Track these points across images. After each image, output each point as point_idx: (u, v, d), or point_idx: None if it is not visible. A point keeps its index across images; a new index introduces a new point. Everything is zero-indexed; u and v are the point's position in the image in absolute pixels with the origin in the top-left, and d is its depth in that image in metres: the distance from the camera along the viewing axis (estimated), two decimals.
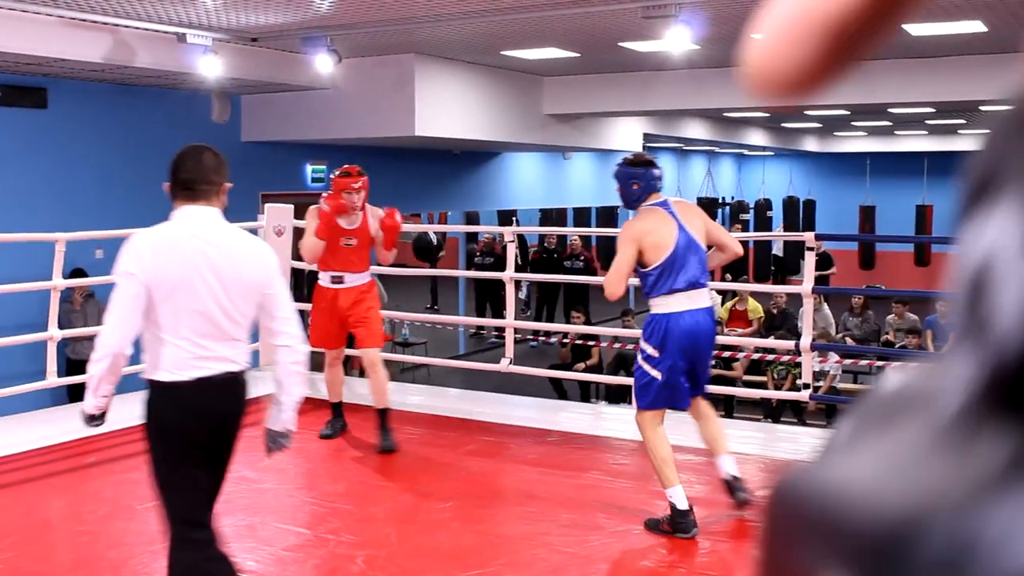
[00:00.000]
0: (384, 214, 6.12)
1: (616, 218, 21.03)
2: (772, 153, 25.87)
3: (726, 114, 17.31)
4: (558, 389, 11.51)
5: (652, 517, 4.69)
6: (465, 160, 15.56)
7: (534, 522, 4.76)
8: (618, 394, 10.35)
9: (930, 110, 15.63)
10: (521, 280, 14.12)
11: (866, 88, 11.18)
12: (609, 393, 10.86)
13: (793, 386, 10.73)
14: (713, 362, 11.14)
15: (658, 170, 4.78)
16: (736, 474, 4.73)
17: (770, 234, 19.29)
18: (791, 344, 7.35)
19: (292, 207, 8.05)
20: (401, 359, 12.18)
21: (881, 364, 11.48)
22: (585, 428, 6.66)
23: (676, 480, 4.58)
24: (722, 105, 13.11)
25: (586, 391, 11.79)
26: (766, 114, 17.11)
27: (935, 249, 23.26)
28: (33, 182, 9.56)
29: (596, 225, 20.53)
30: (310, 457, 5.98)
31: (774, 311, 13.11)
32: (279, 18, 8.11)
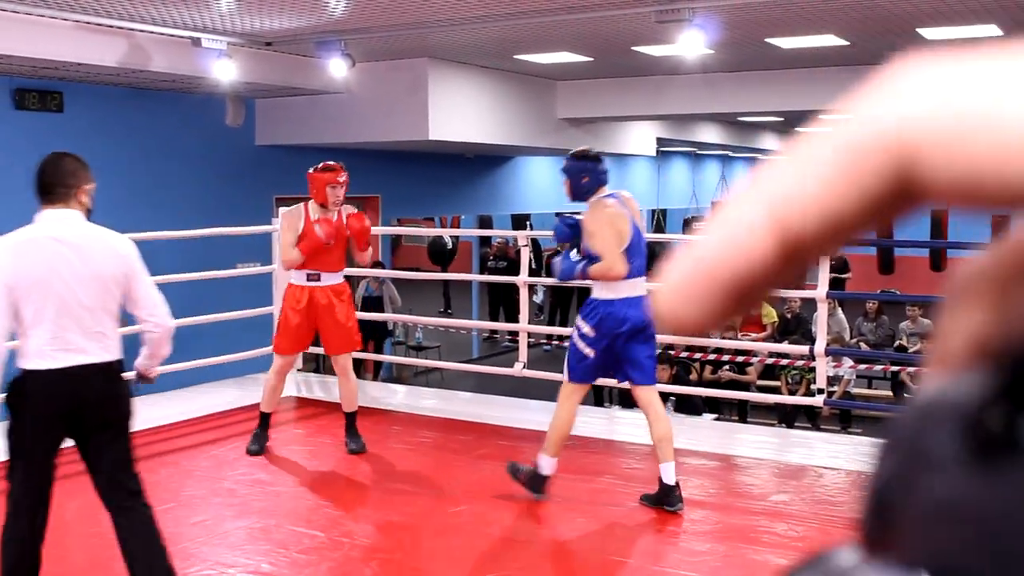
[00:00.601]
0: (351, 216, 5.97)
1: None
2: None
3: (740, 118, 17.29)
4: None
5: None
6: (478, 164, 15.57)
7: (548, 526, 4.76)
8: (632, 399, 10.33)
9: None
10: (535, 284, 14.13)
11: None
12: (623, 397, 10.84)
13: (807, 391, 10.71)
14: (727, 366, 11.19)
15: (604, 164, 5.02)
16: (675, 481, 4.90)
17: None
18: (805, 349, 7.33)
19: None
20: (414, 363, 12.21)
21: (895, 369, 11.45)
22: (598, 432, 6.65)
23: (556, 453, 4.99)
24: (736, 109, 13.11)
25: (599, 395, 11.77)
26: (780, 118, 17.09)
27: (951, 254, 23.21)
28: None
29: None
30: (324, 460, 6.00)
31: (788, 315, 13.08)
32: (293, 22, 8.13)
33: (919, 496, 0.28)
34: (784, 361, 10.62)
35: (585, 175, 4.93)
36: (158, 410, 6.97)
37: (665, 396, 9.52)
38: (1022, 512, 0.26)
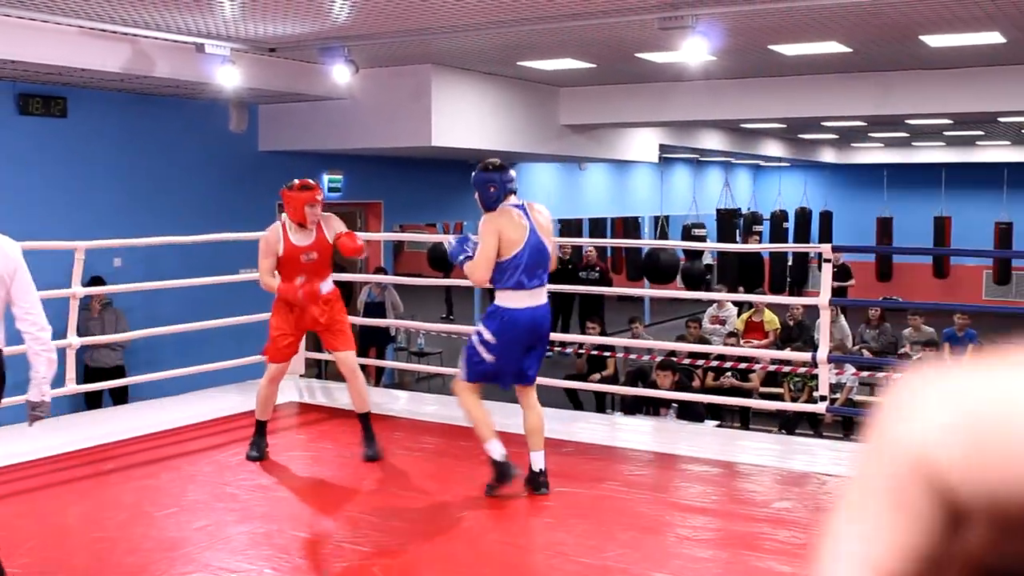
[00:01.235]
0: (344, 236, 5.85)
1: (639, 228, 21.00)
2: (788, 164, 25.81)
3: (742, 125, 17.30)
4: (573, 400, 11.50)
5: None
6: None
7: (550, 532, 4.77)
8: (634, 405, 10.33)
9: (948, 122, 15.57)
10: None
11: (883, 100, 11.18)
12: (625, 404, 10.84)
13: (809, 398, 10.70)
14: (729, 373, 11.19)
15: (512, 174, 5.19)
16: (542, 468, 5.12)
17: (786, 246, 19.22)
18: (808, 356, 7.33)
19: None
20: (416, 369, 12.22)
21: (898, 376, 11.42)
22: (601, 439, 6.65)
23: (491, 435, 5.10)
24: (739, 116, 13.11)
25: (601, 402, 11.78)
26: (783, 125, 17.09)
27: (953, 261, 23.18)
28: (53, 190, 9.63)
29: (612, 236, 20.49)
30: (327, 465, 6.00)
31: (790, 322, 13.08)
32: (297, 28, 8.15)
33: None
34: (786, 368, 10.61)
35: (492, 185, 5.11)
36: (160, 415, 6.99)
37: (668, 403, 9.53)
38: None
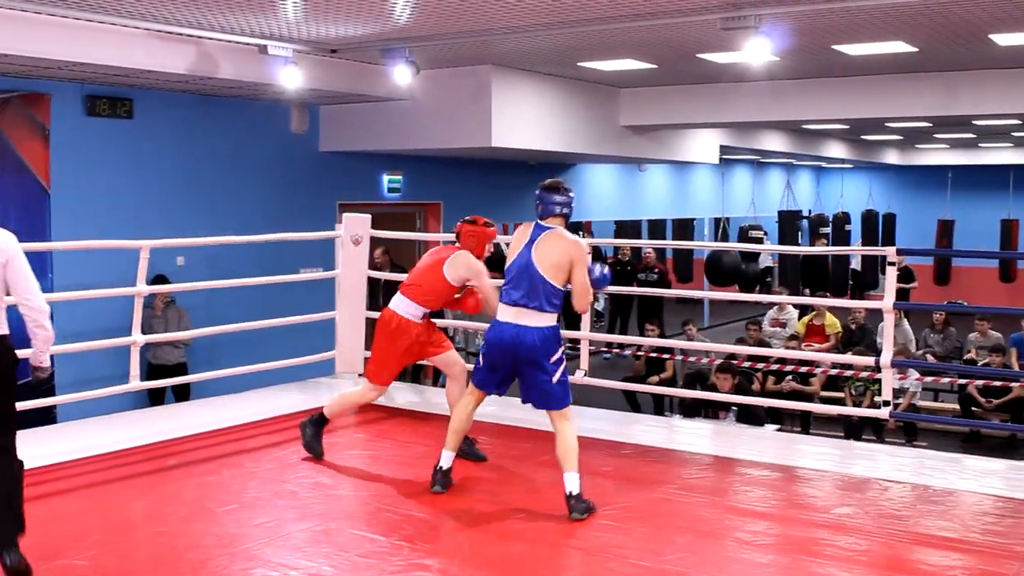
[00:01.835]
0: (473, 294, 5.96)
1: (692, 230, 20.85)
2: (851, 165, 25.47)
3: (805, 126, 17.10)
4: (631, 402, 11.46)
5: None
6: (541, 171, 15.54)
7: (608, 534, 4.74)
8: (692, 408, 10.26)
9: (1016, 122, 15.25)
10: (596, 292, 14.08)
11: (949, 100, 10.97)
12: (683, 407, 10.76)
13: (871, 403, 10.55)
14: (790, 377, 11.06)
15: (559, 197, 5.31)
16: (569, 491, 4.94)
17: (851, 248, 18.98)
18: (870, 360, 7.22)
19: (369, 217, 8.11)
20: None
21: (963, 382, 11.23)
22: (659, 442, 6.61)
23: (453, 447, 5.34)
24: (802, 117, 12.95)
25: (660, 404, 11.71)
26: (846, 126, 16.86)
27: (1021, 265, 22.68)
28: (119, 190, 9.79)
29: (671, 238, 20.36)
30: (384, 464, 6.03)
31: (852, 326, 12.91)
32: (359, 30, 8.20)
33: None
34: (848, 372, 10.46)
35: (537, 202, 5.31)
36: (222, 412, 7.07)
37: (727, 406, 9.45)
38: None
